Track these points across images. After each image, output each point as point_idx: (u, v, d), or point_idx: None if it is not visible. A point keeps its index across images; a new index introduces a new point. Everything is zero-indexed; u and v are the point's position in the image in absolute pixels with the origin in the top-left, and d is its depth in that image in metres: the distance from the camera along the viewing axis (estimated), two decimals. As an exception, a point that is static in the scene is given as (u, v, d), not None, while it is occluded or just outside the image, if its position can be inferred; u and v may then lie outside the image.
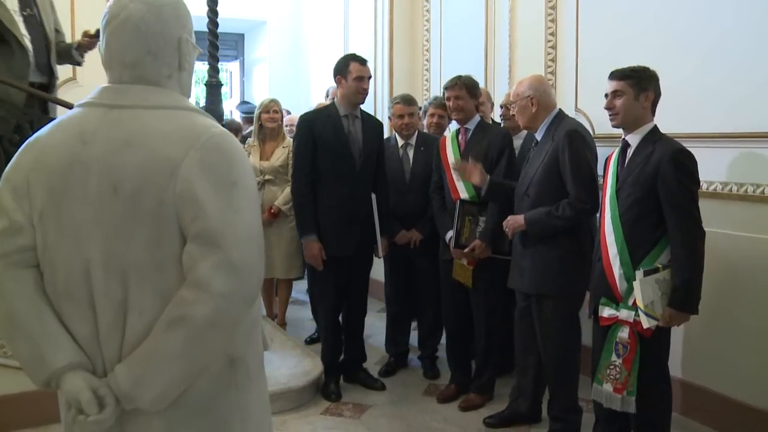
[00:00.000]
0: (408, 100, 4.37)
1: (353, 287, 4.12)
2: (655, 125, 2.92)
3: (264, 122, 5.08)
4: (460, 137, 3.98)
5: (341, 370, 4.17)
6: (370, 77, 3.99)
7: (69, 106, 3.10)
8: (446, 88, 3.95)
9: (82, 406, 1.40)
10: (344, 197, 3.86)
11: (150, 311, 1.42)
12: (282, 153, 5.00)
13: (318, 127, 3.88)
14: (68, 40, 3.96)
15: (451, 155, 3.94)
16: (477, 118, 3.98)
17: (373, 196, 3.94)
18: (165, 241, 1.42)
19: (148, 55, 1.50)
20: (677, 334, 3.53)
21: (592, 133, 4.08)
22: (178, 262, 1.41)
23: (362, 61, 3.92)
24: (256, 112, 5.17)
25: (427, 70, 6.03)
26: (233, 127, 6.44)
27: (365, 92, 3.94)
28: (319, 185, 3.88)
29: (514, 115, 3.54)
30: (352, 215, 3.88)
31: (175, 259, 1.42)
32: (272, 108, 5.08)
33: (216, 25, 4.21)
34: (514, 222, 3.34)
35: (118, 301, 1.43)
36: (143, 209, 1.40)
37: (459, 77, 3.93)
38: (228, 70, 9.71)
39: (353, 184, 3.89)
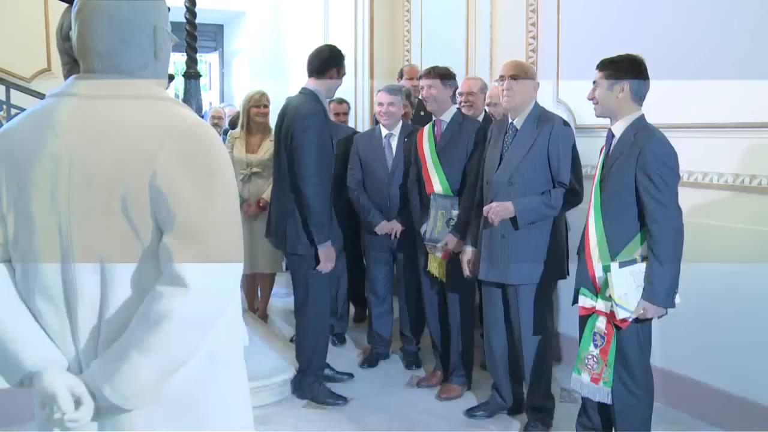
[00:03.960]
0: (390, 90, 4.34)
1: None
2: (642, 115, 2.89)
3: (253, 116, 5.03)
4: (435, 129, 3.96)
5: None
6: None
7: (41, 97, 3.04)
8: (420, 77, 3.95)
9: (57, 404, 1.36)
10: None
11: (126, 306, 1.39)
12: (270, 146, 4.95)
13: (327, 122, 3.75)
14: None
15: (426, 148, 3.92)
16: (453, 109, 3.95)
17: None
18: (141, 234, 1.39)
19: (122, 43, 1.46)
20: (658, 323, 3.55)
21: (573, 124, 4.10)
22: (155, 255, 1.38)
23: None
24: (245, 104, 5.11)
25: (407, 60, 6.00)
26: None
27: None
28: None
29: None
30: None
31: (151, 252, 1.39)
32: (263, 102, 5.04)
33: (194, 15, 4.16)
34: (503, 209, 3.26)
35: (93, 297, 1.39)
36: (118, 202, 1.37)
37: (434, 67, 3.92)
38: (207, 61, 9.63)
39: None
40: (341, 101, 5.26)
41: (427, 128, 4.02)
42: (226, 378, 1.55)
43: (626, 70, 2.87)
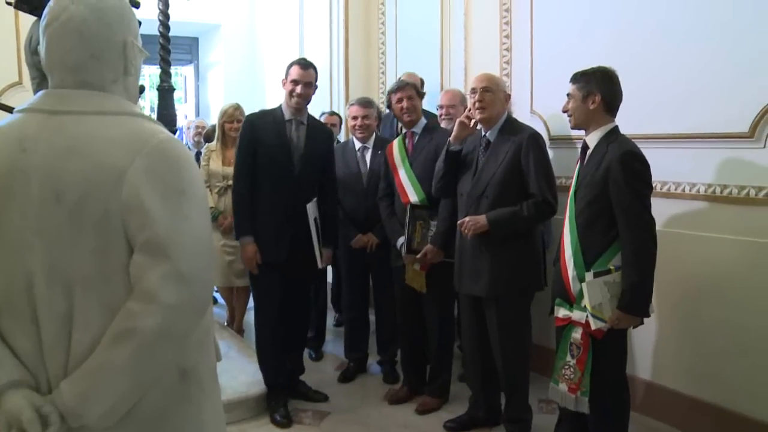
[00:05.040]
0: (364, 103, 4.36)
1: (292, 297, 3.92)
2: (615, 126, 2.94)
3: (227, 131, 5.03)
4: (407, 141, 3.97)
5: (287, 390, 3.97)
6: (309, 83, 3.78)
7: (10, 111, 3.00)
8: (395, 90, 3.92)
9: (24, 425, 1.34)
10: (281, 203, 3.73)
11: (97, 324, 1.37)
12: None
13: (260, 130, 3.77)
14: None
15: (398, 160, 3.92)
16: (423, 121, 3.99)
17: (309, 206, 3.78)
18: (111, 251, 1.37)
19: (92, 58, 1.46)
20: (634, 333, 3.60)
21: (547, 135, 4.14)
22: (126, 272, 1.37)
23: (303, 65, 3.80)
24: (219, 118, 5.11)
25: (383, 73, 6.03)
26: None
27: (299, 97, 3.76)
28: (257, 189, 3.74)
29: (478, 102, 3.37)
30: (285, 221, 3.74)
31: (122, 269, 1.38)
32: (236, 118, 5.01)
33: (167, 28, 4.14)
34: (475, 222, 3.28)
35: (62, 315, 1.37)
36: (88, 218, 1.36)
37: (403, 80, 3.93)
38: (182, 74, 9.59)
39: (291, 190, 3.74)
40: (332, 113, 5.37)
41: (397, 141, 4.02)
42: (198, 395, 1.53)
43: (598, 81, 2.92)
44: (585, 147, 2.99)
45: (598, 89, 2.91)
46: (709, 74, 3.36)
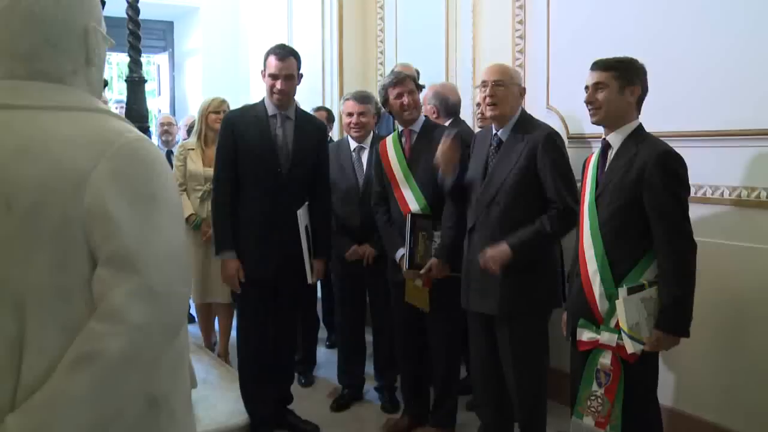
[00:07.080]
0: (360, 98, 4.32)
1: (280, 318, 3.90)
2: (640, 124, 2.92)
3: (211, 123, 5.00)
4: (403, 140, 3.93)
5: (273, 420, 3.96)
6: (290, 75, 3.71)
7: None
8: (394, 84, 3.85)
9: None
10: (265, 210, 3.68)
11: (52, 348, 1.35)
12: None
13: (240, 128, 3.73)
14: None
15: (395, 162, 3.88)
16: (422, 118, 3.94)
17: (299, 212, 3.73)
18: (71, 264, 1.36)
19: (47, 45, 1.44)
20: (667, 357, 3.57)
21: (565, 134, 4.12)
22: (87, 288, 1.36)
23: (281, 56, 3.71)
24: (202, 111, 5.09)
25: (381, 63, 6.02)
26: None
27: (280, 93, 3.70)
28: (240, 195, 3.72)
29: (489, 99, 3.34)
30: (272, 231, 3.70)
31: (83, 285, 1.36)
32: (223, 109, 4.99)
33: (137, 11, 4.09)
34: (500, 254, 3.18)
35: (11, 337, 1.35)
36: (44, 228, 1.34)
37: (401, 72, 3.89)
38: (155, 63, 9.59)
39: (277, 194, 3.69)
40: (320, 108, 5.42)
41: (391, 140, 3.96)
42: (170, 427, 1.51)
43: (637, 72, 2.90)
44: (606, 146, 2.97)
45: (639, 81, 2.89)
46: (741, 64, 3.35)
